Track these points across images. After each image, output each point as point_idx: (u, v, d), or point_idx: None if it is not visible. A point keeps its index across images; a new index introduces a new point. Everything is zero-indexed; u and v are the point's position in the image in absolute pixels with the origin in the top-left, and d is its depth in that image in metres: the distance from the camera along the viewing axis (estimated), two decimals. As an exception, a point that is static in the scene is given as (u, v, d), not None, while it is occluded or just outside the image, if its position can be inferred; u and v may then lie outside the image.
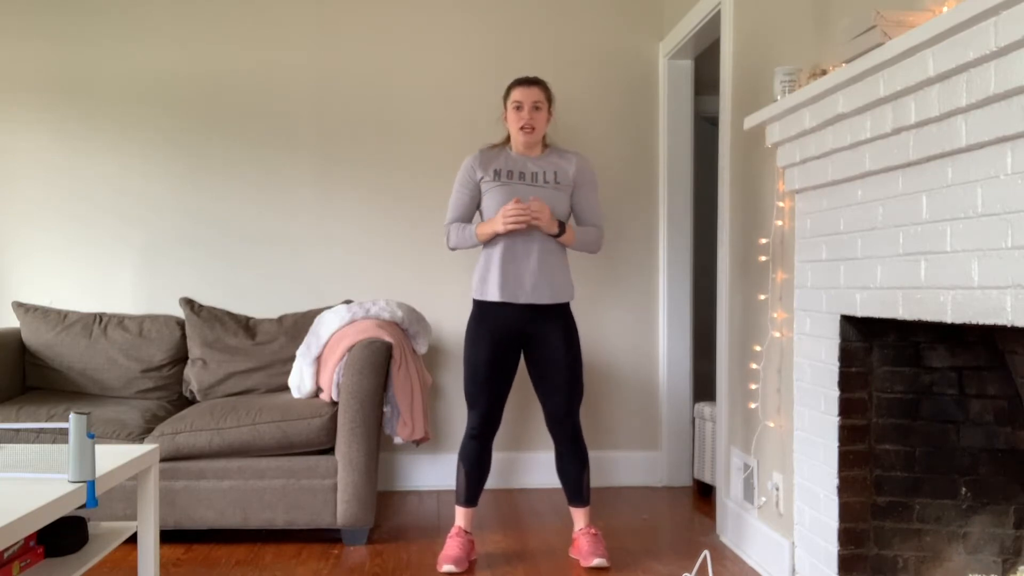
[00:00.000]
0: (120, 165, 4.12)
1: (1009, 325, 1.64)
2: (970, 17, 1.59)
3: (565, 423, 3.03)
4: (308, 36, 4.16)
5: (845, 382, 2.38)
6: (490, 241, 3.00)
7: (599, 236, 3.12)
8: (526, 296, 2.97)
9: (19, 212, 4.09)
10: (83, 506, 1.95)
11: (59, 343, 3.76)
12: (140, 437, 3.25)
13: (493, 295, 2.98)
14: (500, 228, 2.91)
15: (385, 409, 3.35)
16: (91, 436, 1.97)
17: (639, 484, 4.24)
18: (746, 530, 3.11)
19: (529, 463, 4.20)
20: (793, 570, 2.72)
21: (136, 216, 4.12)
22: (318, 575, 2.93)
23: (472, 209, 3.08)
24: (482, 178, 3.04)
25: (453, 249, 3.12)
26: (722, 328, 3.39)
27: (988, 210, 1.71)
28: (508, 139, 3.12)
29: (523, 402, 4.17)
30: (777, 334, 2.88)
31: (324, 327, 3.50)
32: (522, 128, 3.01)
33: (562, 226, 2.97)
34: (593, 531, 3.06)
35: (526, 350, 3.06)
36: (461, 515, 3.07)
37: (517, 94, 3.04)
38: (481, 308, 3.03)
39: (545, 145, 3.12)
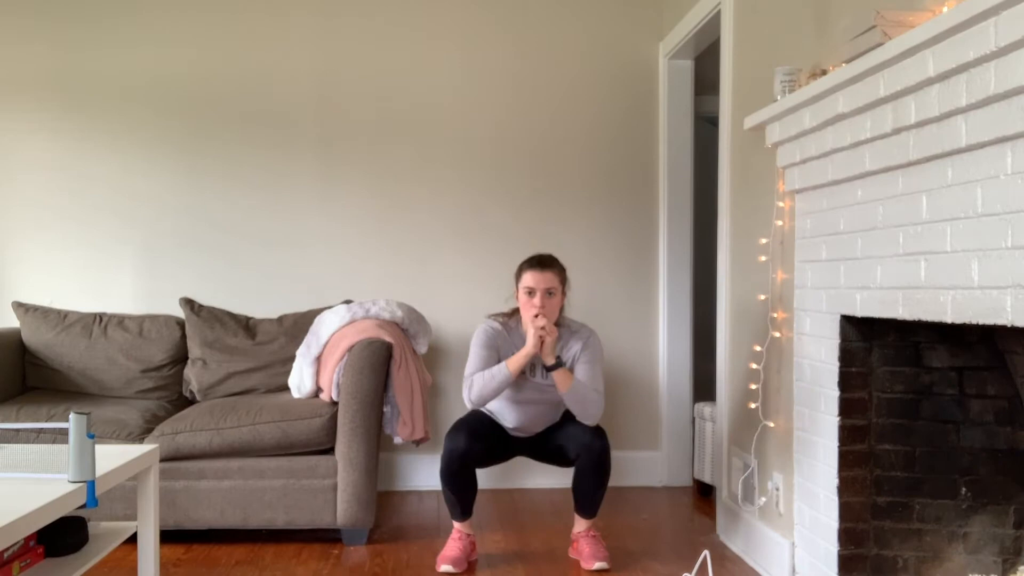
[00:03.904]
0: (120, 165, 4.12)
1: (1009, 325, 1.64)
2: (970, 17, 1.59)
3: (594, 446, 2.89)
4: (309, 36, 4.15)
5: (845, 382, 2.38)
6: (502, 396, 3.01)
7: (597, 400, 2.91)
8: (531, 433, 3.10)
9: (19, 212, 4.09)
10: (83, 506, 1.95)
11: (59, 343, 3.76)
12: (140, 437, 3.25)
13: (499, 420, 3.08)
14: (531, 347, 2.83)
15: (385, 409, 3.35)
16: (91, 436, 1.97)
17: (639, 484, 4.24)
18: (746, 530, 3.11)
19: (528, 463, 4.19)
20: (793, 570, 2.72)
21: (136, 216, 4.12)
22: (318, 575, 2.93)
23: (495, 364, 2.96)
24: (501, 351, 2.99)
25: (475, 404, 2.92)
26: (722, 328, 3.39)
27: (988, 210, 1.71)
28: (516, 311, 3.02)
29: (523, 402, 4.17)
30: (777, 334, 2.88)
31: (324, 327, 3.50)
32: (535, 316, 2.86)
33: (560, 361, 2.89)
34: (593, 533, 3.06)
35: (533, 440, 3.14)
36: (459, 523, 3.06)
37: (529, 278, 2.89)
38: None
39: (557, 324, 2.95)
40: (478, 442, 2.93)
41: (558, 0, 4.22)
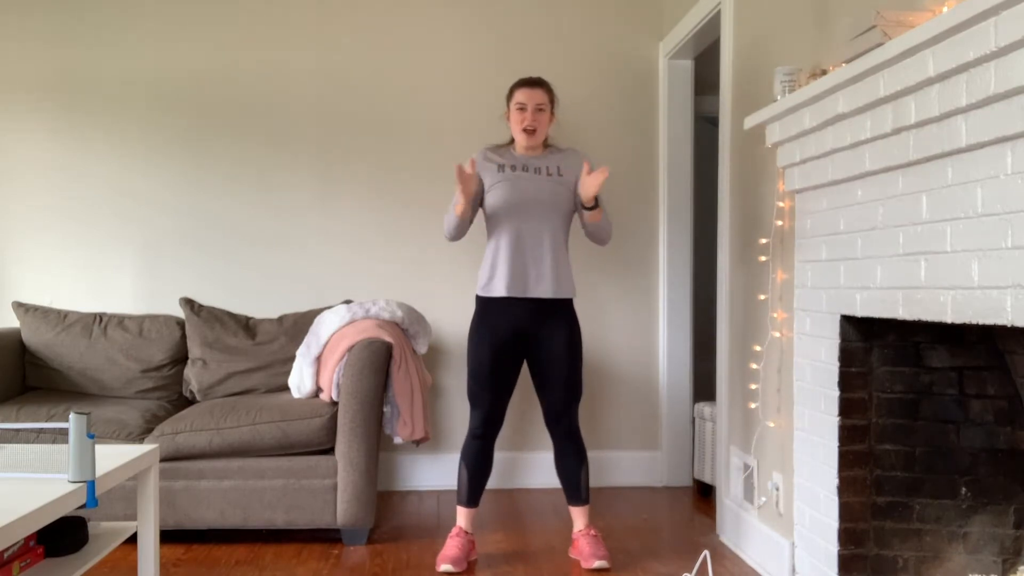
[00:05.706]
0: (120, 165, 4.12)
1: (1009, 325, 1.64)
2: (970, 17, 1.59)
3: (562, 419, 3.04)
4: (309, 36, 4.16)
5: (845, 382, 2.38)
6: (497, 232, 3.00)
7: (610, 225, 3.11)
8: (532, 289, 2.97)
9: (19, 212, 4.09)
10: (83, 506, 1.95)
11: (59, 343, 3.76)
12: (140, 437, 3.25)
13: (499, 291, 2.97)
14: (459, 195, 2.92)
15: (385, 409, 3.35)
16: (91, 436, 1.97)
17: (639, 484, 4.24)
18: (746, 530, 3.11)
19: (529, 463, 4.20)
20: (793, 570, 2.72)
21: (136, 216, 4.12)
22: (318, 575, 2.93)
23: (475, 202, 3.06)
24: (486, 179, 3.04)
25: (450, 238, 3.07)
26: (722, 328, 3.39)
27: (988, 210, 1.71)
28: (512, 140, 3.13)
29: (524, 402, 4.17)
30: (777, 334, 2.88)
31: (324, 327, 3.50)
32: (524, 130, 3.01)
33: (598, 201, 2.97)
34: (593, 532, 3.06)
35: (528, 347, 3.05)
36: (462, 515, 3.07)
37: (520, 95, 3.04)
38: (485, 305, 3.03)
39: (546, 146, 3.13)
40: (498, 403, 3.02)
41: (558, 0, 4.22)
